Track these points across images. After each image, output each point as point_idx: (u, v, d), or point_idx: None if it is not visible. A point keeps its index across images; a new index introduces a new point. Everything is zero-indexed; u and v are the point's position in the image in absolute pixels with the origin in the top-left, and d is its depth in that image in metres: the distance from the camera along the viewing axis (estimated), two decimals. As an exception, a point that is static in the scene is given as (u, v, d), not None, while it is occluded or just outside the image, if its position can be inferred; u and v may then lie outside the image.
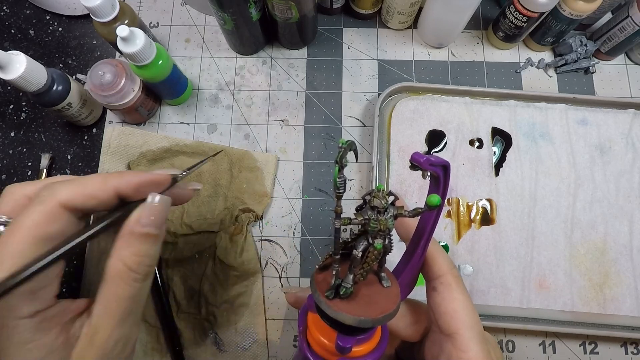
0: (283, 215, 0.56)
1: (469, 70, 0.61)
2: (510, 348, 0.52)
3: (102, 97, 0.50)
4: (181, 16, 0.63)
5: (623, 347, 0.52)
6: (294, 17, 0.53)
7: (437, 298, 0.28)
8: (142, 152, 0.55)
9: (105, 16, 0.49)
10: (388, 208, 0.23)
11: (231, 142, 0.58)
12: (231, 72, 0.61)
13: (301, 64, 0.61)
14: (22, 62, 0.45)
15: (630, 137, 0.55)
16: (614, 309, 0.50)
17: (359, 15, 0.62)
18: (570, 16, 0.53)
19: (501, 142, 0.56)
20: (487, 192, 0.54)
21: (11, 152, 0.58)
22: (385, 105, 0.57)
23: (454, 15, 0.54)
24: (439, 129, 0.56)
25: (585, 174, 0.54)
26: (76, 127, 0.59)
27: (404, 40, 0.62)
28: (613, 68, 0.61)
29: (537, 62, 0.61)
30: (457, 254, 0.52)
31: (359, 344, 0.26)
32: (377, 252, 0.23)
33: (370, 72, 0.61)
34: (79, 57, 0.62)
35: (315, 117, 0.59)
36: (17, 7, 0.64)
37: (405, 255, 0.30)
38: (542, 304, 0.51)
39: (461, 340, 0.26)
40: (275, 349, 0.52)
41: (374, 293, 0.25)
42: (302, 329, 0.29)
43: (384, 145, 0.56)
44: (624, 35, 0.55)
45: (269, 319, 0.53)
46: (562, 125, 0.56)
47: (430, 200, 0.22)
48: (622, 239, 0.52)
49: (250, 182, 0.55)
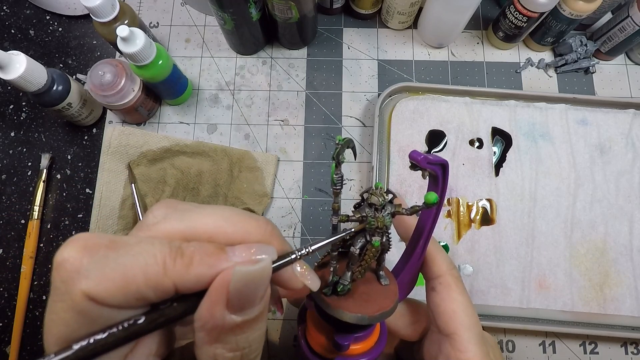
0: (283, 215, 0.56)
1: (469, 70, 0.61)
2: (510, 348, 0.52)
3: (102, 97, 0.50)
4: (181, 16, 0.63)
5: (623, 347, 0.52)
6: (294, 17, 0.53)
7: (436, 298, 0.28)
8: (143, 152, 0.55)
9: (105, 16, 0.49)
10: (386, 206, 0.23)
11: (231, 142, 0.58)
12: (231, 72, 0.61)
13: (301, 64, 0.61)
14: (22, 62, 0.45)
15: (630, 137, 0.55)
16: (614, 309, 0.50)
17: (359, 15, 0.62)
18: (570, 16, 0.53)
19: (501, 142, 0.56)
20: (487, 192, 0.54)
21: (11, 152, 0.58)
22: (385, 105, 0.57)
23: (454, 15, 0.54)
24: (439, 129, 0.56)
25: (585, 174, 0.54)
26: (76, 127, 0.59)
27: (404, 40, 0.62)
28: (613, 68, 0.61)
29: (537, 62, 0.61)
30: (457, 254, 0.52)
31: (357, 342, 0.26)
32: (375, 249, 0.23)
33: (370, 72, 0.61)
34: (79, 57, 0.62)
35: (315, 117, 0.59)
36: (17, 7, 0.64)
37: (405, 255, 0.30)
38: (542, 304, 0.51)
39: (460, 340, 0.26)
40: (275, 349, 0.52)
41: (372, 291, 0.25)
42: (301, 327, 0.29)
43: (384, 145, 0.56)
44: (624, 35, 0.55)
45: (269, 319, 0.52)
46: (562, 125, 0.56)
47: (428, 198, 0.22)
48: (622, 239, 0.52)
49: (250, 182, 0.55)
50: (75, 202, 0.56)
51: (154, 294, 0.17)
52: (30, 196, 0.56)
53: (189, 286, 0.17)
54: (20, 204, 0.56)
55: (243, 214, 0.20)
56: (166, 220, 0.19)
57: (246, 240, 0.19)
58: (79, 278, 0.16)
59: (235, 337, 0.17)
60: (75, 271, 0.16)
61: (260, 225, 0.19)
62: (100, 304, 0.16)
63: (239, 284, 0.17)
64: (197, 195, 0.55)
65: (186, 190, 0.55)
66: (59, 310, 0.16)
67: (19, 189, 0.57)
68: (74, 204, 0.56)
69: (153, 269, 0.16)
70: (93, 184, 0.56)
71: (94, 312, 0.16)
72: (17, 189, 0.57)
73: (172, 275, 0.16)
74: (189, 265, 0.17)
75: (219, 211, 0.19)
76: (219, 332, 0.17)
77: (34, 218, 0.55)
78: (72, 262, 0.16)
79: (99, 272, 0.16)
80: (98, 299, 0.16)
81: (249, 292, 0.17)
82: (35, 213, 0.55)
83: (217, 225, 0.19)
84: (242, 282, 0.17)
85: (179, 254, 0.17)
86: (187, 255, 0.17)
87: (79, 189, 0.57)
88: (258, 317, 0.18)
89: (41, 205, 0.55)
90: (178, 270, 0.17)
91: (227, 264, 0.17)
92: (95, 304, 0.16)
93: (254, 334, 0.18)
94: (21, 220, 0.56)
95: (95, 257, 0.16)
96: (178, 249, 0.17)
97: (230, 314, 0.17)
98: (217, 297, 0.17)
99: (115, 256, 0.16)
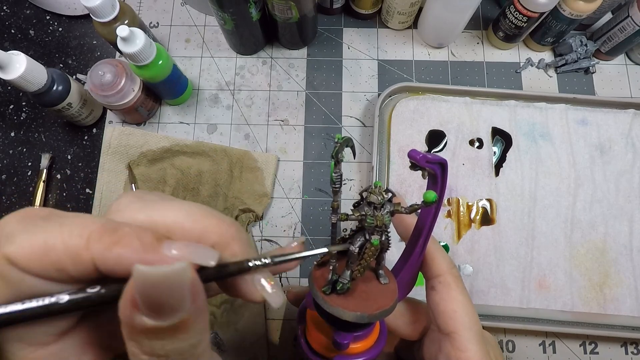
0: (283, 215, 0.56)
1: (469, 70, 0.61)
2: (510, 348, 0.52)
3: (102, 97, 0.50)
4: (181, 16, 0.63)
5: (623, 347, 0.52)
6: (294, 17, 0.53)
7: (435, 297, 0.28)
8: (143, 152, 0.55)
9: (106, 16, 0.49)
10: (385, 204, 0.23)
11: (231, 142, 0.58)
12: (231, 72, 0.61)
13: (301, 64, 0.61)
14: (22, 62, 0.45)
15: (630, 137, 0.55)
16: (614, 309, 0.50)
17: (359, 15, 0.62)
18: (570, 16, 0.53)
19: (501, 142, 0.56)
20: (487, 192, 0.54)
21: (11, 152, 0.58)
22: (385, 105, 0.57)
23: (454, 15, 0.54)
24: (439, 129, 0.56)
25: (585, 174, 0.54)
26: (76, 127, 0.59)
27: (404, 40, 0.62)
28: (613, 68, 0.61)
29: (537, 62, 0.61)
30: (457, 254, 0.52)
31: (356, 341, 0.26)
32: (374, 248, 0.23)
33: (370, 72, 0.61)
34: (79, 57, 0.62)
35: (315, 117, 0.59)
36: (17, 7, 0.64)
37: (405, 254, 0.30)
38: (542, 304, 0.51)
39: (460, 340, 0.26)
40: (275, 349, 0.52)
41: (371, 289, 0.25)
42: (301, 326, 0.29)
43: (384, 145, 0.56)
44: (624, 35, 0.55)
45: (269, 319, 0.52)
46: (562, 125, 0.56)
47: (427, 197, 0.22)
48: (622, 239, 0.52)
49: (250, 182, 0.55)
50: (75, 202, 0.56)
51: (73, 267, 0.16)
52: (30, 196, 0.56)
53: (109, 266, 0.16)
54: (20, 204, 0.56)
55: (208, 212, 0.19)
56: (127, 210, 0.18)
57: (203, 239, 0.18)
58: (5, 243, 0.16)
59: (150, 342, 0.16)
60: (5, 236, 0.16)
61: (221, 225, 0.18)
62: (20, 270, 0.16)
63: (142, 285, 0.15)
64: (197, 195, 0.55)
65: (186, 190, 0.55)
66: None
67: (19, 189, 0.57)
68: (74, 204, 0.56)
69: (75, 241, 0.16)
70: (93, 184, 0.56)
71: (15, 277, 0.16)
72: (17, 189, 0.57)
73: (93, 250, 0.16)
74: (114, 244, 0.16)
75: (185, 206, 0.19)
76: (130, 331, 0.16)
77: (34, 218, 0.54)
78: (3, 227, 0.16)
79: (23, 238, 0.16)
80: (17, 264, 0.16)
81: (159, 296, 0.15)
82: (35, 213, 0.55)
83: (177, 220, 0.18)
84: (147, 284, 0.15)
85: (108, 231, 0.16)
86: (117, 234, 0.16)
87: (79, 189, 0.57)
88: (177, 327, 0.15)
89: (41, 205, 0.55)
90: (100, 247, 0.16)
91: (154, 255, 0.16)
92: (16, 269, 0.16)
93: (173, 344, 0.16)
94: (21, 220, 0.56)
95: (26, 225, 0.16)
96: (111, 228, 0.16)
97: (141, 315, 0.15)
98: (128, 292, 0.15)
99: (44, 225, 0.16)
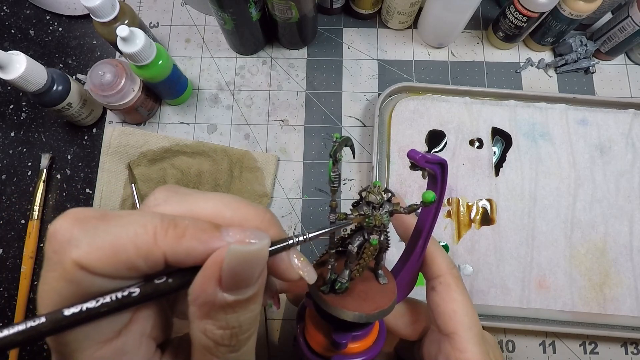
0: (283, 215, 0.56)
1: (469, 70, 0.61)
2: (510, 348, 0.52)
3: (102, 97, 0.50)
4: (181, 16, 0.63)
5: (623, 347, 0.52)
6: (294, 17, 0.53)
7: (436, 298, 0.28)
8: (143, 152, 0.55)
9: (105, 16, 0.49)
10: (384, 204, 0.23)
11: (231, 142, 0.58)
12: (231, 72, 0.61)
13: (301, 64, 0.61)
14: (22, 62, 0.45)
15: (630, 137, 0.55)
16: (614, 309, 0.50)
17: (359, 15, 0.62)
18: (570, 16, 0.53)
19: (501, 142, 0.56)
20: (487, 192, 0.54)
21: (11, 152, 0.58)
22: (385, 105, 0.57)
23: (454, 15, 0.54)
24: (439, 129, 0.56)
25: (585, 174, 0.54)
26: (76, 127, 0.59)
27: (404, 40, 0.62)
28: (613, 68, 0.61)
29: (537, 62, 0.61)
30: (457, 254, 0.52)
31: (355, 341, 0.26)
32: (373, 248, 0.23)
33: (370, 72, 0.61)
34: (79, 57, 0.62)
35: (315, 117, 0.59)
36: (17, 7, 0.64)
37: (405, 255, 0.30)
38: (542, 304, 0.51)
39: (459, 340, 0.26)
40: (275, 349, 0.52)
41: (370, 289, 0.25)
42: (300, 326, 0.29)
43: (384, 145, 0.56)
44: (624, 35, 0.55)
45: (269, 319, 0.52)
46: (562, 125, 0.56)
47: (425, 197, 0.22)
48: (622, 239, 0.52)
49: (250, 182, 0.55)
50: (75, 202, 0.56)
51: (144, 264, 0.17)
52: (30, 196, 0.56)
53: (180, 259, 0.17)
54: (20, 204, 0.56)
55: (243, 201, 0.20)
56: (166, 203, 0.19)
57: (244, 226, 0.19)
58: (70, 247, 0.16)
59: (226, 316, 0.17)
60: (66, 241, 0.16)
61: (259, 212, 0.20)
62: (91, 273, 0.16)
63: (232, 263, 0.17)
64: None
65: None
66: (51, 280, 0.16)
67: (19, 189, 0.57)
68: (74, 204, 0.56)
69: (143, 238, 0.16)
70: (93, 184, 0.57)
71: (86, 281, 0.16)
72: (17, 189, 0.57)
73: (162, 246, 0.17)
74: (180, 237, 0.17)
75: (219, 197, 0.20)
76: (210, 308, 0.17)
77: (34, 218, 0.55)
78: (63, 233, 0.16)
79: (89, 242, 0.16)
80: (89, 268, 0.16)
81: (243, 272, 0.17)
82: (35, 213, 0.55)
83: (217, 210, 0.19)
84: (236, 261, 0.17)
85: (171, 225, 0.17)
86: (180, 227, 0.17)
87: (79, 189, 0.57)
88: (251, 298, 0.18)
89: (41, 205, 0.55)
90: (169, 241, 0.17)
91: (219, 242, 0.17)
92: (86, 272, 0.16)
93: (245, 314, 0.18)
94: (21, 220, 0.56)
95: (85, 228, 0.16)
96: (171, 221, 0.17)
97: (222, 292, 0.17)
98: (211, 273, 0.17)
99: (105, 227, 0.17)
